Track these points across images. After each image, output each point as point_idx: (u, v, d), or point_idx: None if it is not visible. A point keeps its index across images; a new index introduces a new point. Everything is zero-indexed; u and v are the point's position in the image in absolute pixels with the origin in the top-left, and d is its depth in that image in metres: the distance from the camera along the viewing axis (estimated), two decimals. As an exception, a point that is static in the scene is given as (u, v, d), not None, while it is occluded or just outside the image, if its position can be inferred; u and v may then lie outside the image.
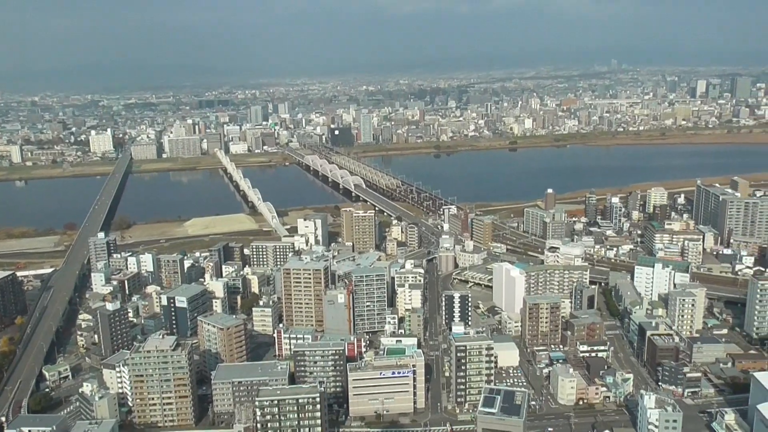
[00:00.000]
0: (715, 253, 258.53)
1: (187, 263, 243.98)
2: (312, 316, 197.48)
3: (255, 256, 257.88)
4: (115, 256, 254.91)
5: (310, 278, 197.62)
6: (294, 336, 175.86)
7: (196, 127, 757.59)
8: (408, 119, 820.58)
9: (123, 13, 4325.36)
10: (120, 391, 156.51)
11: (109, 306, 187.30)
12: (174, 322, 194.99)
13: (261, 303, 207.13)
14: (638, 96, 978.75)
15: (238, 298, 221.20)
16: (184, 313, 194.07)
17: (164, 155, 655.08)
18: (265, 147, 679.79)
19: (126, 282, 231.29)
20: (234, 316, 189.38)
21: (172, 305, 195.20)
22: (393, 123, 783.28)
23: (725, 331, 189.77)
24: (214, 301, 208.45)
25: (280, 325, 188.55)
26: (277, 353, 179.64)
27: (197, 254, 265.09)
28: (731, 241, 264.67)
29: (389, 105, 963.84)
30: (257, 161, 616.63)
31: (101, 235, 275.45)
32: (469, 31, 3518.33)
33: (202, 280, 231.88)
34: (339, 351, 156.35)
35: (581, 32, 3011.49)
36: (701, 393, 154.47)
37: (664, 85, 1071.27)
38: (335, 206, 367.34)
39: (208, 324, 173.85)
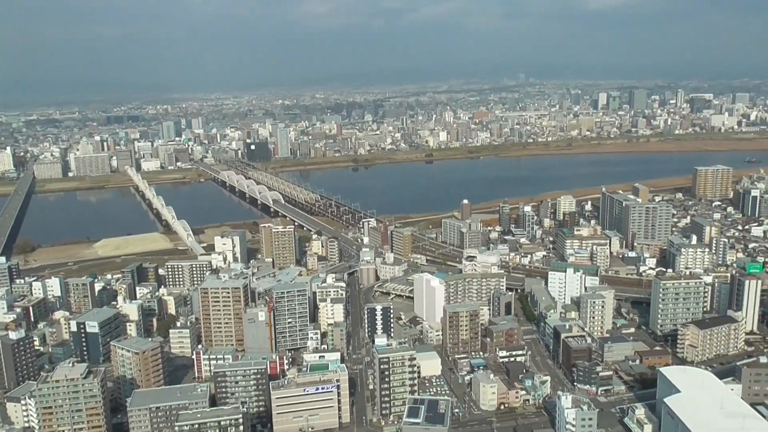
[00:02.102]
0: (620, 256, 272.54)
1: (97, 286, 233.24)
2: (232, 336, 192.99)
3: (171, 276, 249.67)
4: (18, 281, 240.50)
5: (229, 297, 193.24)
6: (214, 357, 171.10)
7: (105, 144, 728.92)
8: (325, 133, 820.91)
9: (22, 26, 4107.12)
10: (27, 425, 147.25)
11: (12, 335, 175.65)
12: (85, 348, 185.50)
13: (178, 324, 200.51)
14: (545, 108, 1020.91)
15: (154, 320, 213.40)
16: (95, 338, 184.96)
17: (70, 174, 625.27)
18: (178, 163, 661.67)
19: (31, 308, 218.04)
20: (150, 339, 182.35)
21: (83, 331, 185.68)
22: (310, 137, 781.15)
23: (633, 330, 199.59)
24: (128, 324, 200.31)
25: (199, 346, 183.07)
26: (196, 375, 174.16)
27: (109, 276, 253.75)
28: (635, 244, 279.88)
29: (306, 119, 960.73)
30: (171, 178, 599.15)
31: (2, 259, 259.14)
32: (384, 45, 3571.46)
33: (115, 303, 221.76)
34: (261, 370, 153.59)
35: (490, 47, 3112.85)
36: (613, 390, 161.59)
37: (568, 98, 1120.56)
38: (253, 222, 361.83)
39: (122, 348, 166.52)
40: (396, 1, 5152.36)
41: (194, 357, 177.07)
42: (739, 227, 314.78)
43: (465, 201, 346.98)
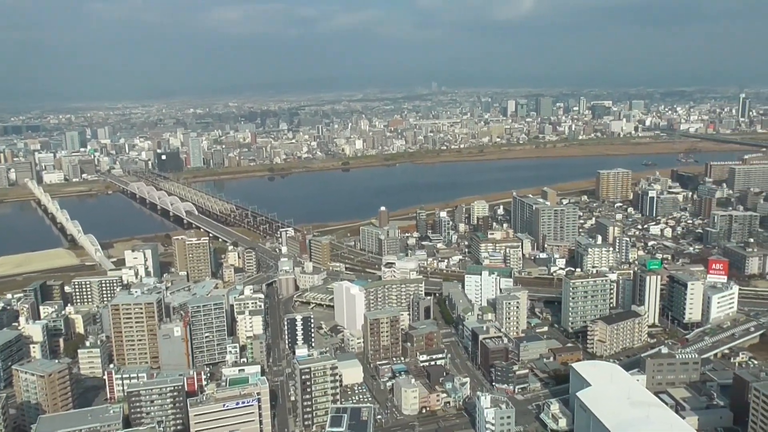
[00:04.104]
0: (532, 257, 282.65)
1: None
2: (146, 353, 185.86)
3: (78, 293, 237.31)
4: None
5: (141, 313, 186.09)
6: (127, 376, 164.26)
7: (1, 155, 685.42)
8: (239, 142, 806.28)
9: None
10: None
11: None
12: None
13: (87, 343, 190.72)
14: (457, 116, 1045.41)
15: (61, 340, 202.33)
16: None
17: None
18: (84, 175, 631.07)
19: None
20: (56, 361, 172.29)
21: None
22: (224, 146, 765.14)
23: (546, 328, 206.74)
24: (31, 346, 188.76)
25: (111, 366, 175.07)
26: (108, 396, 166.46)
27: (9, 296, 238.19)
28: (545, 245, 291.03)
29: (219, 128, 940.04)
30: (76, 191, 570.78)
31: None
32: (298, 54, 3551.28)
33: (16, 324, 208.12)
34: (177, 387, 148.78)
35: (403, 57, 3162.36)
36: (529, 388, 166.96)
37: (479, 106, 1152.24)
38: (166, 235, 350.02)
39: (25, 372, 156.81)
40: (310, 10, 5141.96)
41: (106, 377, 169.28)
42: (639, 227, 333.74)
43: (382, 208, 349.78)
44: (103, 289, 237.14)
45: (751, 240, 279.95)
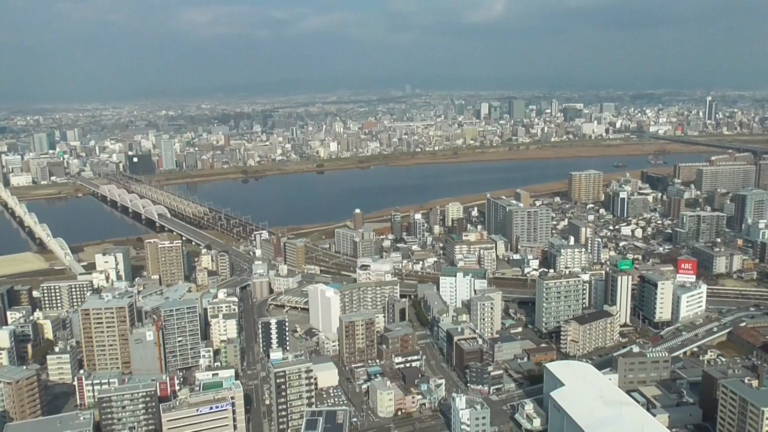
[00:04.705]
0: (506, 258, 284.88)
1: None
2: (118, 358, 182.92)
3: (47, 298, 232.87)
4: None
5: (113, 317, 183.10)
6: (98, 381, 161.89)
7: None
8: (213, 144, 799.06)
9: None
10: None
11: None
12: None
13: (57, 349, 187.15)
14: (432, 118, 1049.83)
15: (29, 346, 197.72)
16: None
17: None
18: (53, 178, 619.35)
19: None
20: (24, 368, 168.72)
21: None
22: (197, 148, 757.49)
23: (520, 329, 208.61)
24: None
25: (81, 372, 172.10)
26: (78, 402, 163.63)
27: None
28: (519, 247, 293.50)
29: (192, 130, 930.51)
30: (44, 194, 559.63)
31: None
32: (271, 56, 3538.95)
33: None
34: (150, 392, 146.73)
35: (377, 59, 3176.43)
36: (504, 388, 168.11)
37: (453, 108, 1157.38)
38: (138, 238, 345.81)
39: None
40: (281, 12, 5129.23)
41: (76, 383, 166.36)
42: (611, 227, 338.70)
43: (357, 210, 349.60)
44: (73, 293, 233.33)
45: (718, 240, 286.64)
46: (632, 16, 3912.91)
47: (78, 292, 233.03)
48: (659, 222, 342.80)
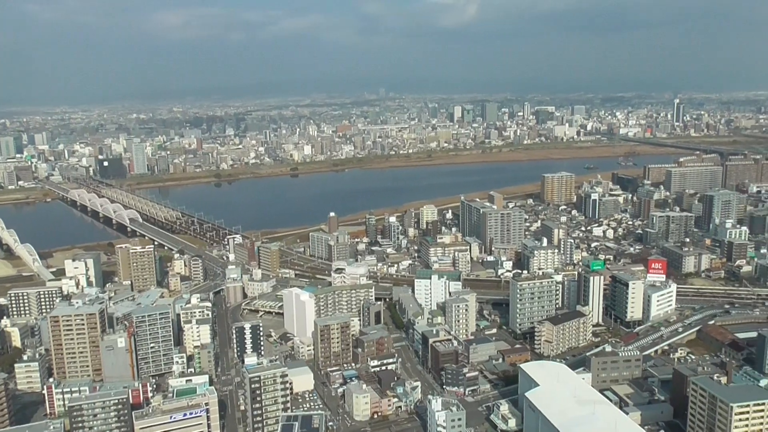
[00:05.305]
0: (480, 260, 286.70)
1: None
2: (88, 366, 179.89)
3: (14, 305, 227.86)
4: None
5: (83, 324, 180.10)
6: (68, 390, 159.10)
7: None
8: (185, 148, 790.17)
9: None
10: None
11: None
12: None
13: (25, 357, 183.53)
14: (405, 121, 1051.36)
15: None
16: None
17: None
18: (20, 182, 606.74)
19: None
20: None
21: None
22: (169, 152, 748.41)
23: (495, 330, 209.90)
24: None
25: (51, 380, 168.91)
26: (48, 412, 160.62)
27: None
28: (493, 248, 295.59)
29: (164, 133, 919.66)
30: (11, 198, 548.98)
31: None
32: (244, 58, 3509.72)
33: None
34: (122, 400, 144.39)
35: (350, 62, 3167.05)
36: (479, 389, 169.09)
37: (427, 111, 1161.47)
38: (109, 243, 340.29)
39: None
40: (253, 15, 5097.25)
41: (45, 392, 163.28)
42: (583, 228, 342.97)
43: (332, 214, 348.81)
44: (42, 300, 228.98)
45: (687, 240, 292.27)
46: (601, 21, 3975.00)
47: (47, 299, 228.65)
48: (630, 222, 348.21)
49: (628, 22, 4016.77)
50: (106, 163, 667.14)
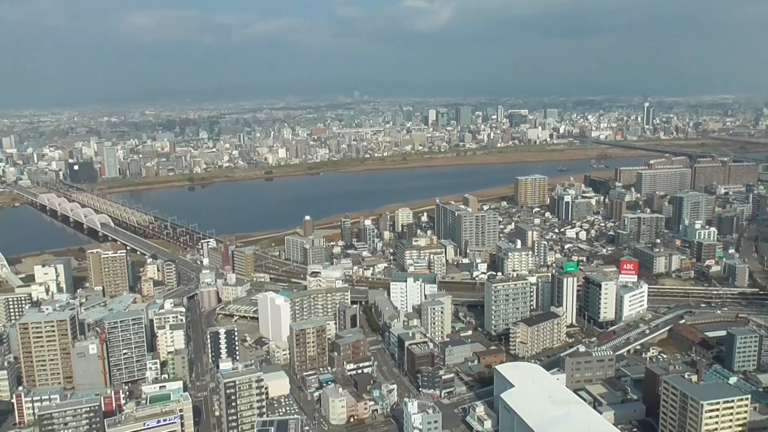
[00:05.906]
0: (455, 263, 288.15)
1: None
2: (59, 373, 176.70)
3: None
4: None
5: (53, 331, 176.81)
6: (38, 398, 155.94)
7: None
8: (157, 151, 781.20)
9: None
10: None
11: None
12: None
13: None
14: (380, 125, 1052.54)
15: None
16: None
17: None
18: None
19: None
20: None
21: None
22: (141, 156, 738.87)
23: (470, 332, 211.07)
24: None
25: (20, 388, 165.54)
26: (17, 421, 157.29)
27: None
28: (468, 251, 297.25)
29: (135, 137, 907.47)
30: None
31: None
32: (217, 61, 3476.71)
33: None
34: (94, 407, 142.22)
35: (324, 65, 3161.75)
36: (455, 391, 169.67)
37: (401, 115, 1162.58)
38: (79, 248, 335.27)
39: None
40: (226, 17, 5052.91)
41: (14, 400, 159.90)
42: (556, 230, 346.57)
43: (307, 217, 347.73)
44: (11, 306, 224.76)
45: (658, 241, 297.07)
46: (572, 26, 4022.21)
47: (16, 305, 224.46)
48: (602, 224, 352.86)
49: (599, 26, 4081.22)
50: (76, 167, 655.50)
